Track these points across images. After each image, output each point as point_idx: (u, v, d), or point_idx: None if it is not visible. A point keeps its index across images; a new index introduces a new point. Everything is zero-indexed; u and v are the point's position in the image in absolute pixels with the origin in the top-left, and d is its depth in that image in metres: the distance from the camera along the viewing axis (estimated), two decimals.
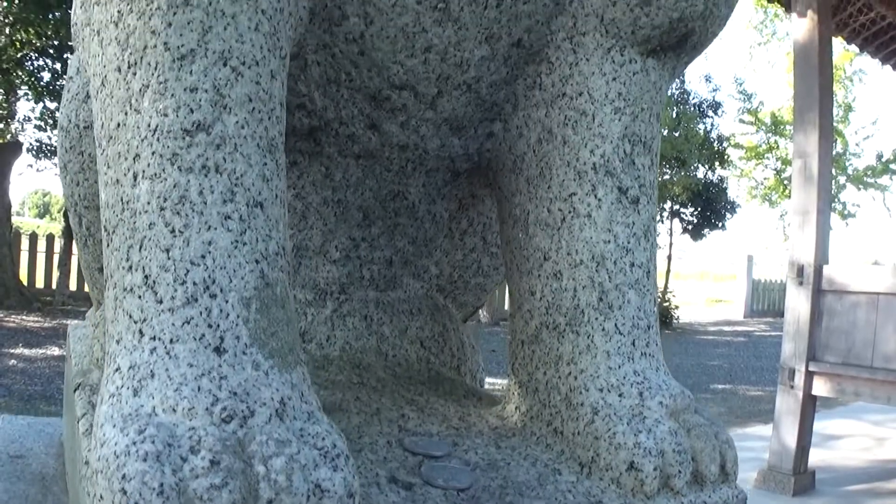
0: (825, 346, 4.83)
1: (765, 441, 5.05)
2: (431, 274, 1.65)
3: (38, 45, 10.03)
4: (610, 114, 1.26)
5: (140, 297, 0.91)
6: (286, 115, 1.17)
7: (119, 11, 0.99)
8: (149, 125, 0.95)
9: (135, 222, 0.94)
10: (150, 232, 0.93)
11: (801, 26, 5.98)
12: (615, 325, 1.23)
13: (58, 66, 10.25)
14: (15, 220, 14.71)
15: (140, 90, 0.96)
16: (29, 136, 10.91)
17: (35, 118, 10.65)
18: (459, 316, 1.78)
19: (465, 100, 1.30)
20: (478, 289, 1.75)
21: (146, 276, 0.92)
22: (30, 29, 9.77)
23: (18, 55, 10.08)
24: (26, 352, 8.18)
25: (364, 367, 1.49)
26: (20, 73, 10.29)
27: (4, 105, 10.86)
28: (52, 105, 10.45)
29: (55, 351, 8.29)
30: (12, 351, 8.12)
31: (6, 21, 9.91)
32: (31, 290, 11.53)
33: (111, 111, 1.00)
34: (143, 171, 0.95)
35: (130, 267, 0.93)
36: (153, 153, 0.94)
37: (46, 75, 10.35)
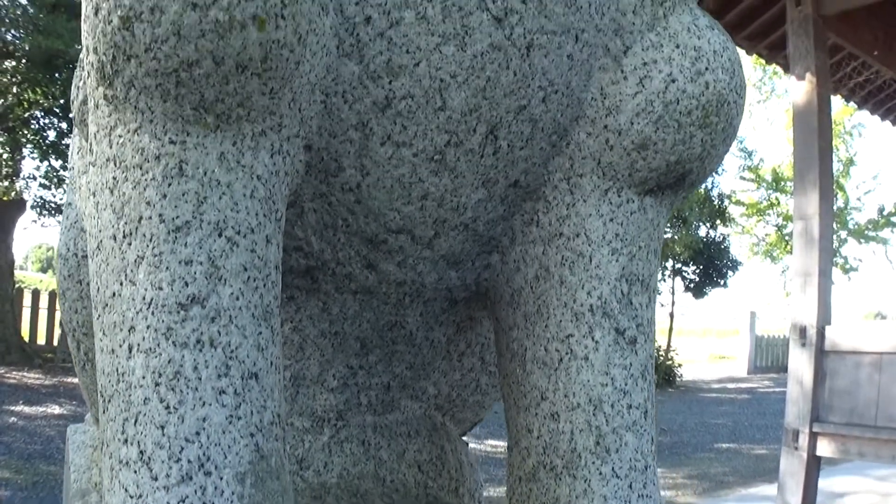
0: (829, 407, 4.81)
1: (770, 502, 4.99)
2: (429, 394, 1.64)
3: (45, 104, 10.16)
4: (607, 255, 1.26)
5: (136, 472, 0.91)
6: (283, 256, 1.18)
7: (114, 178, 1.00)
8: (143, 298, 0.96)
9: (130, 395, 0.94)
10: (145, 407, 0.93)
11: (801, 89, 6.04)
12: (612, 468, 1.22)
13: (63, 125, 10.37)
14: (18, 273, 14.74)
15: (135, 261, 0.97)
16: (33, 193, 10.98)
17: (40, 176, 10.74)
18: (458, 431, 1.77)
19: (462, 238, 1.30)
20: (476, 406, 1.74)
21: (141, 452, 0.92)
22: (37, 89, 9.91)
23: (25, 114, 10.20)
24: (26, 409, 8.13)
25: (361, 495, 1.48)
26: (26, 132, 10.41)
27: (10, 163, 10.97)
28: (56, 164, 10.54)
29: (55, 409, 8.24)
30: (13, 408, 8.07)
31: (13, 80, 10.06)
32: (32, 346, 11.52)
33: (106, 279, 1.00)
34: (139, 345, 0.95)
35: (126, 440, 0.94)
36: (148, 327, 0.95)
37: (52, 134, 10.47)
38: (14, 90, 10.11)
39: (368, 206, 1.20)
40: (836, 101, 8.65)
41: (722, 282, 14.66)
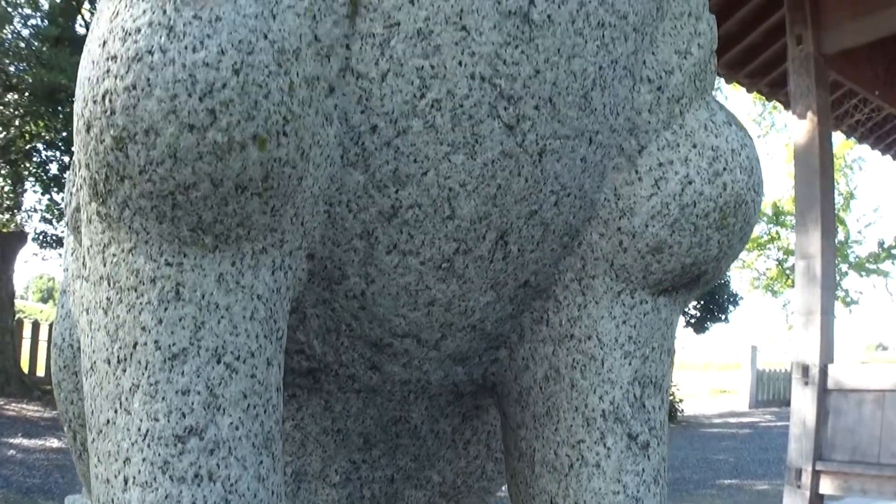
0: (831, 445, 4.79)
1: None
2: (434, 482, 1.59)
3: (47, 137, 10.17)
4: (620, 359, 1.22)
5: None
6: (285, 359, 1.13)
7: (108, 298, 0.96)
8: (139, 429, 0.91)
9: None
10: None
11: (802, 127, 6.03)
12: None
13: (66, 158, 10.36)
14: (18, 303, 14.69)
15: (130, 389, 0.92)
16: (34, 226, 10.96)
17: (41, 209, 10.72)
18: None
19: (470, 337, 1.26)
20: (482, 491, 1.69)
21: None
22: (39, 122, 9.92)
23: (27, 147, 10.21)
24: (25, 442, 8.04)
25: None
26: (28, 165, 10.40)
27: (11, 196, 10.96)
28: (58, 197, 10.52)
29: (54, 443, 8.15)
30: (11, 441, 7.99)
31: (16, 113, 10.08)
32: (31, 377, 11.43)
33: (101, 404, 0.95)
34: (134, 478, 0.90)
35: None
36: (144, 460, 0.90)
37: (54, 167, 10.46)
38: (16, 123, 10.11)
39: (373, 313, 1.16)
40: (837, 136, 8.65)
41: (723, 316, 14.57)
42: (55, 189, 10.38)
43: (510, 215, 1.11)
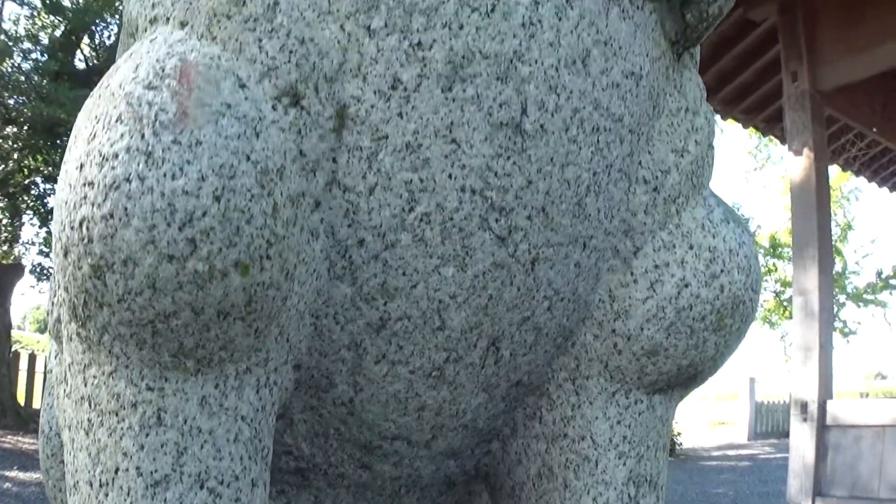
0: (831, 481, 4.77)
1: None
2: None
3: (45, 171, 10.17)
4: (614, 459, 1.19)
5: None
6: (272, 459, 1.10)
7: (89, 420, 0.93)
8: None
9: None
10: None
11: (798, 164, 6.04)
12: None
13: None
14: (15, 333, 14.61)
15: None
16: (32, 258, 10.94)
17: (39, 242, 10.70)
18: None
19: (462, 436, 1.23)
20: None
21: None
22: (38, 156, 9.93)
23: (25, 181, 10.21)
24: (21, 475, 7.95)
25: None
26: (26, 198, 10.40)
27: (9, 228, 10.94)
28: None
29: None
30: (7, 473, 7.90)
31: (15, 147, 10.08)
32: (28, 410, 11.33)
33: None
34: None
35: None
36: None
37: (51, 200, 10.44)
38: (15, 156, 10.12)
39: (362, 418, 1.13)
40: (834, 168, 8.66)
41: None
42: (53, 222, 10.35)
43: (502, 323, 1.08)
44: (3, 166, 10.11)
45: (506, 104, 0.96)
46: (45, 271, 10.92)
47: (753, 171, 19.27)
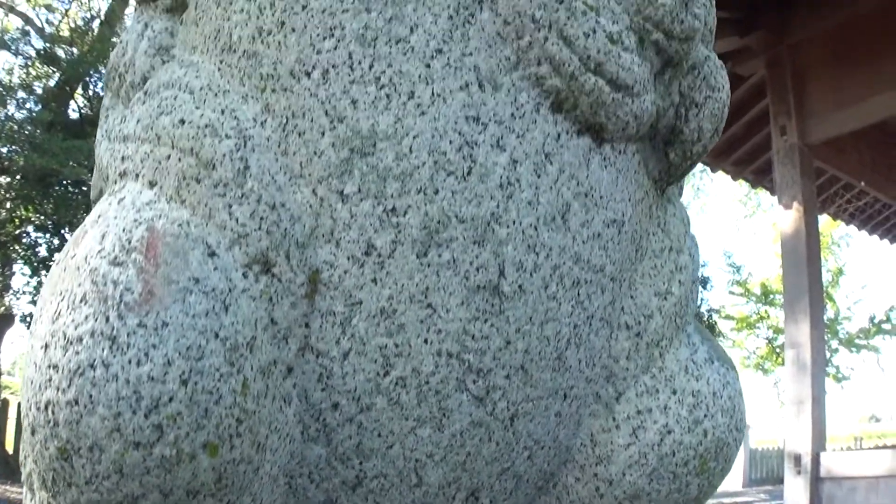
0: None
1: None
2: None
3: (37, 221, 10.14)
4: None
5: None
6: None
7: None
8: None
9: None
10: None
11: (788, 217, 6.05)
12: None
13: (55, 241, 10.33)
14: (5, 379, 14.49)
15: None
16: (22, 308, 10.85)
17: (30, 291, 10.63)
18: None
19: None
20: None
21: None
22: (30, 206, 9.91)
23: (17, 231, 10.17)
24: None
25: None
26: (17, 248, 10.35)
27: (0, 278, 10.88)
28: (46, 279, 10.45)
29: None
30: None
31: (7, 196, 10.07)
32: (16, 458, 11.17)
33: None
34: None
35: None
36: None
37: (43, 249, 10.42)
38: (7, 206, 10.10)
39: None
40: (824, 216, 8.70)
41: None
42: (44, 271, 10.32)
43: (481, 476, 1.05)
44: None
45: (483, 267, 0.95)
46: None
47: (744, 219, 19.37)
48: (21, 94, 10.55)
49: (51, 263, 10.34)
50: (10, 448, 11.17)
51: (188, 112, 0.94)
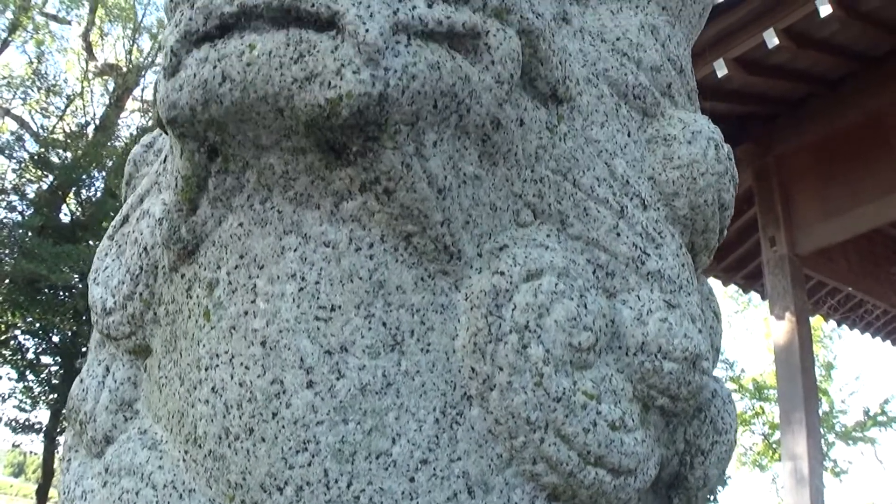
0: None
1: None
2: None
3: (23, 326, 10.06)
4: None
5: None
6: None
7: None
8: None
9: None
10: None
11: (781, 328, 6.03)
12: None
13: (43, 345, 10.24)
14: None
15: None
16: (8, 413, 10.65)
17: (16, 395, 10.45)
18: None
19: None
20: None
21: None
22: (17, 311, 9.83)
23: (3, 337, 10.07)
24: None
25: None
26: (4, 352, 10.23)
27: None
28: (33, 383, 10.31)
29: None
30: None
31: None
32: None
33: None
34: None
35: None
36: None
37: (30, 353, 10.30)
38: None
39: None
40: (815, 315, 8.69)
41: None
42: (30, 376, 10.19)
43: None
44: None
45: None
46: (20, 425, 10.65)
47: (735, 314, 19.39)
48: (13, 197, 10.58)
49: (37, 367, 10.19)
50: None
51: None
